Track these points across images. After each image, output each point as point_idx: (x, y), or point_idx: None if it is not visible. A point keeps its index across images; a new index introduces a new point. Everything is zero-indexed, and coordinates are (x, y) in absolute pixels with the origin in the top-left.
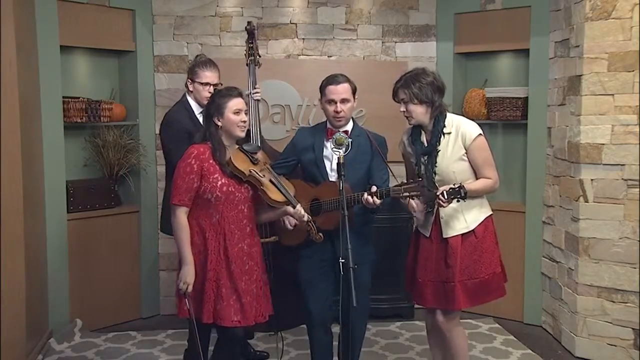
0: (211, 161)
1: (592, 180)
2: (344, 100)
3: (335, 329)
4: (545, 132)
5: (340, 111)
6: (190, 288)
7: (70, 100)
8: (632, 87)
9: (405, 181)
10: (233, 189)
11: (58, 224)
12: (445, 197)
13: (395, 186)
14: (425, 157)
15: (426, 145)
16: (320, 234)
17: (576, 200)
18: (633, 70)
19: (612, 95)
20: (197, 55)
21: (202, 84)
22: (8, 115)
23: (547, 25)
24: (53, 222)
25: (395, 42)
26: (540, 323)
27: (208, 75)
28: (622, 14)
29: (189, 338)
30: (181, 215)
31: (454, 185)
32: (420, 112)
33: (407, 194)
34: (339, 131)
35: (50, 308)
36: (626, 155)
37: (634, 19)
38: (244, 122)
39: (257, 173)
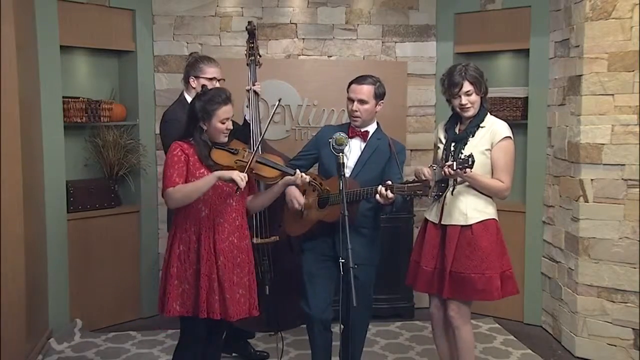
0: (196, 157)
1: (592, 180)
2: (361, 101)
3: (336, 329)
4: (545, 132)
5: (356, 110)
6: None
7: (70, 100)
8: (632, 87)
9: (410, 180)
10: (221, 183)
11: (58, 224)
12: (454, 167)
13: (400, 183)
14: (454, 144)
15: (458, 133)
16: (328, 188)
17: (576, 200)
18: (633, 70)
19: (612, 95)
20: (191, 53)
21: (209, 79)
22: (8, 115)
23: (547, 25)
24: (53, 222)
25: (395, 42)
26: (540, 323)
27: (214, 71)
28: (622, 14)
29: (180, 337)
30: (174, 192)
31: (463, 155)
32: (478, 102)
33: (411, 192)
34: (340, 132)
35: (50, 308)
36: (626, 155)
37: (634, 19)
38: (229, 129)
39: (243, 161)
